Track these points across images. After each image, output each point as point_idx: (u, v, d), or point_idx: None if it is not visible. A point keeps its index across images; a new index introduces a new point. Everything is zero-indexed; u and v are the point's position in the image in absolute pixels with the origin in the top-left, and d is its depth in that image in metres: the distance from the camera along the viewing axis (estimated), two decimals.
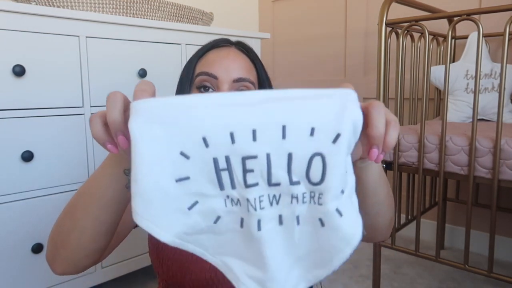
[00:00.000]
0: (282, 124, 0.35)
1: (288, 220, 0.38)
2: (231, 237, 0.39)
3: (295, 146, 0.35)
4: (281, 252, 0.38)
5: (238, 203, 0.38)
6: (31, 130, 1.17)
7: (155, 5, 1.44)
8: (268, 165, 0.36)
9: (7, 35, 1.10)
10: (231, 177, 0.36)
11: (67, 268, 0.56)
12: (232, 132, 0.34)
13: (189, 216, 0.37)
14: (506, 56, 1.12)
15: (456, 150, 1.24)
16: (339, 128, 0.35)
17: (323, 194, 0.37)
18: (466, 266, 1.26)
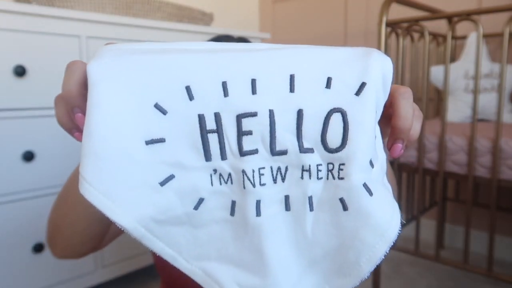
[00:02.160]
0: (290, 73, 0.26)
1: (297, 203, 0.27)
2: (217, 232, 0.28)
3: (306, 100, 0.27)
4: (288, 251, 0.27)
5: (229, 180, 0.27)
6: (32, 130, 1.17)
7: (156, 6, 1.44)
8: (271, 126, 0.26)
9: (7, 35, 1.10)
10: (221, 142, 0.27)
11: (65, 253, 0.55)
12: (224, 81, 0.25)
13: (160, 194, 0.26)
14: (506, 56, 1.13)
15: (456, 150, 1.24)
16: (364, 76, 0.26)
17: (345, 165, 0.27)
18: (466, 265, 1.27)
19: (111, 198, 0.26)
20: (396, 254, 1.80)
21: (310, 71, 0.26)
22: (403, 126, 0.31)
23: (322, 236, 0.27)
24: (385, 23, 1.32)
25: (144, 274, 1.56)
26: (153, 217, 0.27)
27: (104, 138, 0.25)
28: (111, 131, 0.25)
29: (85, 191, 0.26)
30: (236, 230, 0.28)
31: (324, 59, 0.27)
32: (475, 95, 1.18)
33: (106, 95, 0.25)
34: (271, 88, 0.26)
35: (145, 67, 0.25)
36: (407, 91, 0.33)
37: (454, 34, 1.73)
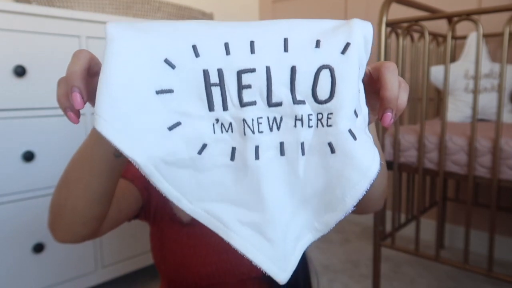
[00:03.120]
0: (284, 36, 0.30)
1: (291, 149, 0.31)
2: (218, 175, 0.31)
3: (299, 59, 0.30)
4: (283, 190, 0.31)
5: (230, 128, 0.30)
6: (32, 130, 1.17)
7: (156, 6, 1.44)
8: (268, 80, 0.30)
9: (8, 35, 1.10)
10: (223, 94, 0.30)
11: (66, 236, 0.56)
12: (226, 42, 0.29)
13: (168, 139, 0.29)
14: (506, 56, 1.13)
15: (456, 150, 1.24)
16: (348, 38, 0.30)
17: (333, 114, 0.30)
18: (466, 265, 1.27)
19: (125, 134, 0.28)
20: (396, 254, 1.80)
21: (301, 35, 0.30)
22: (390, 96, 0.35)
23: (313, 177, 0.31)
24: (385, 23, 1.32)
25: (144, 274, 1.56)
26: (161, 158, 0.29)
27: (120, 83, 0.28)
28: (126, 79, 0.28)
29: (102, 127, 0.28)
30: (236, 173, 0.31)
31: (313, 26, 0.31)
32: (475, 95, 1.18)
33: (122, 48, 0.28)
34: (267, 48, 0.30)
35: (157, 29, 0.29)
36: (391, 65, 0.37)
37: (454, 34, 1.73)
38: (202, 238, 0.76)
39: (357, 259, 1.80)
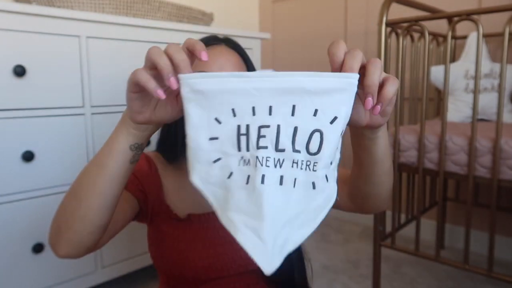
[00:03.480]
0: (293, 103, 0.43)
1: (287, 181, 0.44)
2: (237, 193, 0.44)
3: (301, 122, 0.43)
4: (277, 208, 0.42)
5: (248, 163, 0.44)
6: (32, 130, 1.17)
7: (156, 6, 1.44)
8: (277, 133, 0.43)
9: (7, 35, 1.10)
10: (247, 141, 0.44)
11: (70, 250, 0.57)
12: (254, 106, 0.43)
13: (212, 168, 0.45)
14: (506, 56, 1.13)
15: (456, 150, 1.24)
16: (337, 112, 0.43)
17: (317, 163, 0.44)
18: (466, 265, 1.27)
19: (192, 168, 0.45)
20: (396, 254, 1.80)
21: (305, 104, 0.43)
22: (368, 82, 0.44)
23: (297, 203, 0.43)
24: (385, 23, 1.32)
25: (144, 274, 1.56)
26: (206, 179, 0.45)
27: (191, 136, 0.45)
28: (196, 132, 0.45)
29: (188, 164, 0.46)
30: (247, 193, 0.43)
31: (316, 96, 0.43)
32: (475, 95, 1.18)
33: (193, 112, 0.44)
34: (281, 112, 0.43)
35: (212, 96, 0.43)
36: (375, 59, 0.45)
37: (454, 34, 1.73)
38: (198, 233, 0.76)
39: (357, 259, 1.80)
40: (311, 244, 1.94)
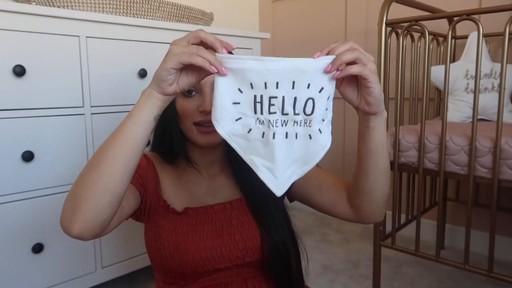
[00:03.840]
0: (293, 80, 0.57)
1: (291, 135, 0.60)
2: (256, 143, 0.61)
3: (298, 93, 0.58)
4: (284, 154, 0.60)
5: (262, 123, 0.60)
6: (32, 130, 1.17)
7: (155, 5, 1.44)
8: (282, 102, 0.58)
9: (7, 35, 1.10)
10: (261, 107, 0.59)
11: (84, 226, 0.59)
12: (266, 82, 0.57)
13: (235, 124, 0.60)
14: (506, 56, 1.12)
15: (456, 150, 1.24)
16: (323, 84, 0.58)
17: (312, 121, 0.59)
18: (466, 266, 1.26)
19: (218, 122, 0.60)
20: (396, 254, 1.80)
21: (301, 79, 0.57)
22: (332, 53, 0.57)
23: (299, 150, 0.61)
24: (385, 23, 1.32)
25: (143, 274, 1.56)
26: (232, 133, 0.61)
27: (219, 100, 0.60)
28: (221, 98, 0.60)
29: (213, 120, 0.61)
30: (263, 144, 0.61)
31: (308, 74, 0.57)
32: (475, 95, 1.18)
33: (221, 83, 0.59)
34: (284, 87, 0.58)
35: (236, 73, 0.58)
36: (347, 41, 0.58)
37: (455, 34, 1.73)
38: (196, 226, 0.77)
39: (357, 259, 1.79)
40: (311, 244, 1.94)
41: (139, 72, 1.37)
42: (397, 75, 1.39)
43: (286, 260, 0.80)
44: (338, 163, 2.32)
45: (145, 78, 1.38)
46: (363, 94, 0.60)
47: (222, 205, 0.82)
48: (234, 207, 0.82)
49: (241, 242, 0.78)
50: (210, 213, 0.80)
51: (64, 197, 1.29)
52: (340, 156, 2.31)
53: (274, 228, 0.80)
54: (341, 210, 0.79)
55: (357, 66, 0.57)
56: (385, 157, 0.69)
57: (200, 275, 0.77)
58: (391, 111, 1.45)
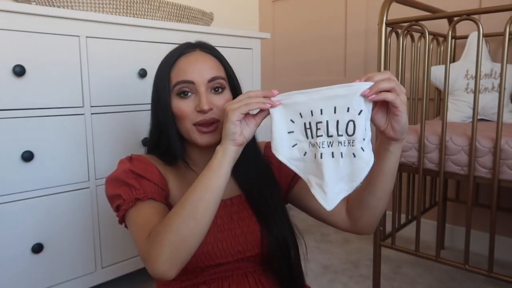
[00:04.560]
0: (334, 105, 0.64)
1: (336, 155, 0.66)
2: (310, 164, 0.68)
3: (340, 116, 0.64)
4: (332, 172, 0.66)
5: (313, 145, 0.67)
6: (32, 130, 1.17)
7: (155, 5, 1.44)
8: (327, 126, 0.65)
9: (7, 35, 1.10)
10: (311, 132, 0.67)
11: (180, 268, 0.66)
12: (311, 110, 0.65)
13: (292, 150, 0.69)
14: (506, 56, 1.12)
15: (456, 150, 1.24)
16: (361, 107, 0.63)
17: (354, 141, 0.64)
18: (466, 266, 1.26)
19: (278, 151, 0.69)
20: (396, 254, 1.80)
21: (341, 104, 0.64)
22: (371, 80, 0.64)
23: (345, 167, 0.66)
24: (385, 23, 1.32)
25: (143, 274, 1.56)
26: (291, 158, 0.69)
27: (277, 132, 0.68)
28: (278, 129, 0.69)
29: (272, 150, 0.69)
30: (316, 164, 0.67)
31: (347, 100, 0.63)
32: (475, 95, 1.18)
33: (276, 118, 0.68)
34: (327, 112, 0.65)
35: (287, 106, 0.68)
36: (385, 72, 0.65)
37: (455, 34, 1.73)
38: None
39: (357, 259, 1.79)
40: (311, 244, 1.94)
41: (139, 72, 1.37)
42: (397, 75, 1.39)
43: (286, 253, 0.81)
44: None
45: (145, 78, 1.38)
46: (391, 120, 0.66)
47: (222, 202, 0.82)
48: (234, 203, 0.84)
49: (242, 236, 0.79)
50: None
51: (64, 197, 1.29)
52: None
53: (273, 223, 0.81)
54: (338, 220, 0.83)
55: (391, 95, 0.62)
56: (394, 178, 0.75)
57: (202, 270, 0.78)
58: None
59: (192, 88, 0.77)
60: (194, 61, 0.78)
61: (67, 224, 1.27)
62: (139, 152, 0.88)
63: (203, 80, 0.77)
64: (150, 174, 0.77)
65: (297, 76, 2.45)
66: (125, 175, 0.76)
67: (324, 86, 0.65)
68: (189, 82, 0.76)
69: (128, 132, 1.37)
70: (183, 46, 0.82)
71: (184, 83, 0.77)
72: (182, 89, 0.77)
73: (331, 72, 2.28)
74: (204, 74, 0.77)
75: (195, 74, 0.77)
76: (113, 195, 0.77)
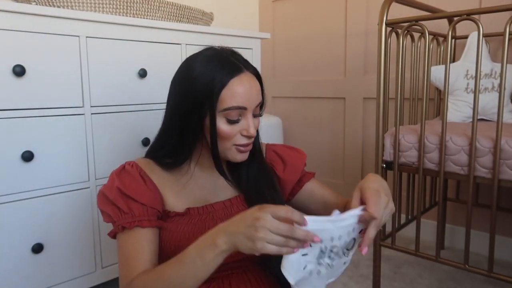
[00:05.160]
0: (348, 230, 0.67)
1: (331, 264, 0.70)
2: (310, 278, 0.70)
3: (347, 238, 0.68)
4: (325, 279, 0.73)
5: (319, 264, 0.69)
6: (32, 130, 1.17)
7: (155, 5, 1.44)
8: (341, 249, 0.69)
9: (7, 35, 1.10)
10: (323, 255, 0.68)
11: None
12: (332, 236, 0.66)
13: (302, 272, 0.68)
14: (506, 56, 1.12)
15: (456, 150, 1.24)
16: (354, 235, 0.69)
17: (349, 252, 0.71)
18: (466, 266, 1.26)
19: (289, 272, 0.67)
20: (396, 254, 1.80)
21: (341, 237, 0.67)
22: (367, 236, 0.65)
23: (336, 271, 0.73)
24: (385, 23, 1.32)
25: None
26: (297, 279, 0.68)
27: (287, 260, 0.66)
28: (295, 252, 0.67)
29: (283, 271, 0.66)
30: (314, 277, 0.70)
31: (347, 232, 0.67)
32: (475, 95, 1.18)
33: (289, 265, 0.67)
34: (343, 237, 0.67)
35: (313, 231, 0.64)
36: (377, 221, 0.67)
37: (455, 33, 1.73)
38: (197, 224, 0.79)
39: (357, 259, 1.79)
40: None
41: (139, 72, 1.37)
42: (397, 75, 1.39)
43: None
44: (339, 163, 2.32)
45: (145, 78, 1.38)
46: None
47: (222, 203, 0.83)
48: (233, 204, 0.84)
49: None
50: (210, 212, 0.81)
51: (64, 197, 1.29)
52: (340, 156, 2.31)
53: None
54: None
55: (374, 231, 0.65)
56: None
57: None
58: (391, 111, 1.45)
59: (243, 113, 0.77)
60: (248, 86, 0.76)
61: (67, 224, 1.27)
62: (138, 152, 0.88)
63: (253, 106, 0.77)
64: (138, 194, 0.76)
65: (297, 76, 2.45)
66: (114, 195, 0.76)
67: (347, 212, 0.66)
68: (243, 108, 0.76)
69: (128, 132, 1.37)
70: (231, 68, 0.77)
71: (238, 109, 0.75)
72: (234, 114, 0.76)
73: (331, 72, 2.28)
74: (255, 100, 0.77)
75: (248, 100, 0.76)
76: (103, 211, 0.79)
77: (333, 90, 2.25)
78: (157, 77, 1.41)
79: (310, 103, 2.40)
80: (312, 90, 2.36)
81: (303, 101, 2.43)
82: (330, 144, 2.34)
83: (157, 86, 1.42)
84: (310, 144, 2.43)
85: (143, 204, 0.76)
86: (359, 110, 2.17)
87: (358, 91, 2.15)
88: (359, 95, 2.15)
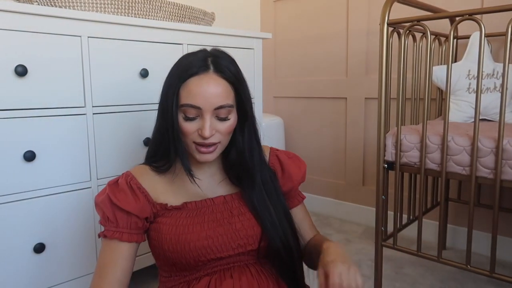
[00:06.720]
0: None
1: None
2: None
3: None
4: None
5: None
6: (33, 130, 1.17)
7: (157, 5, 1.44)
8: None
9: (9, 35, 1.11)
10: None
11: None
12: None
13: None
14: (508, 56, 1.12)
15: (458, 150, 1.24)
16: None
17: None
18: (468, 266, 1.26)
19: None
20: (398, 254, 1.80)
21: None
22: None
23: None
24: (387, 23, 1.32)
25: (144, 274, 1.56)
26: None
27: None
28: None
29: None
30: None
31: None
32: (477, 95, 1.18)
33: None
34: None
35: None
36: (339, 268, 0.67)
37: (456, 33, 1.73)
38: (196, 217, 0.80)
39: (359, 259, 1.79)
40: None
41: (141, 72, 1.37)
42: (399, 75, 1.39)
43: (287, 248, 0.83)
44: (340, 163, 2.31)
45: (147, 78, 1.39)
46: None
47: (222, 197, 0.85)
48: (234, 198, 0.85)
49: (242, 230, 0.81)
50: (210, 205, 0.83)
51: (65, 197, 1.29)
52: (341, 156, 2.30)
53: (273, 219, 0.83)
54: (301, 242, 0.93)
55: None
56: None
57: (203, 264, 0.79)
58: (393, 111, 1.45)
59: (199, 112, 0.77)
60: (206, 86, 0.76)
61: (69, 224, 1.27)
62: (140, 152, 0.90)
63: (210, 107, 0.77)
64: (128, 204, 0.79)
65: (299, 76, 2.45)
66: (104, 205, 0.81)
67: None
68: (197, 107, 0.77)
69: (130, 132, 1.37)
70: (198, 63, 0.79)
71: (191, 107, 0.77)
72: (190, 112, 0.78)
73: (332, 72, 2.28)
74: (212, 101, 0.76)
75: (203, 100, 0.76)
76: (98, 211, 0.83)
77: (334, 90, 2.25)
78: (159, 77, 1.41)
79: (311, 103, 2.40)
80: (313, 90, 2.36)
81: (305, 101, 2.43)
82: (331, 144, 2.34)
83: (158, 86, 1.40)
84: (312, 144, 2.42)
85: (132, 214, 0.79)
86: (361, 110, 2.17)
87: (360, 91, 2.15)
88: (361, 95, 2.15)
